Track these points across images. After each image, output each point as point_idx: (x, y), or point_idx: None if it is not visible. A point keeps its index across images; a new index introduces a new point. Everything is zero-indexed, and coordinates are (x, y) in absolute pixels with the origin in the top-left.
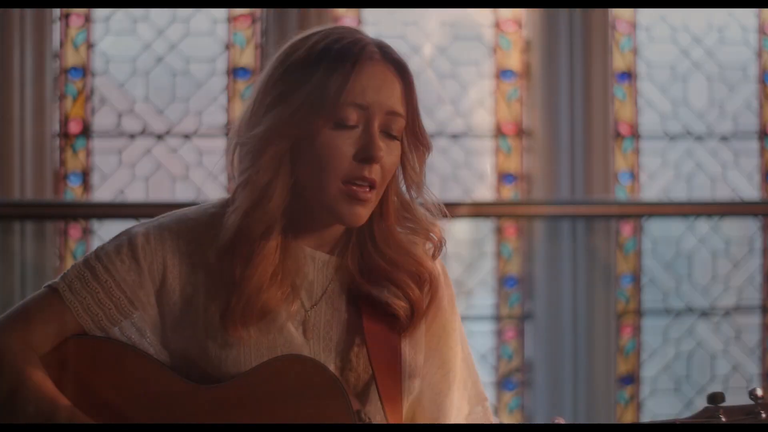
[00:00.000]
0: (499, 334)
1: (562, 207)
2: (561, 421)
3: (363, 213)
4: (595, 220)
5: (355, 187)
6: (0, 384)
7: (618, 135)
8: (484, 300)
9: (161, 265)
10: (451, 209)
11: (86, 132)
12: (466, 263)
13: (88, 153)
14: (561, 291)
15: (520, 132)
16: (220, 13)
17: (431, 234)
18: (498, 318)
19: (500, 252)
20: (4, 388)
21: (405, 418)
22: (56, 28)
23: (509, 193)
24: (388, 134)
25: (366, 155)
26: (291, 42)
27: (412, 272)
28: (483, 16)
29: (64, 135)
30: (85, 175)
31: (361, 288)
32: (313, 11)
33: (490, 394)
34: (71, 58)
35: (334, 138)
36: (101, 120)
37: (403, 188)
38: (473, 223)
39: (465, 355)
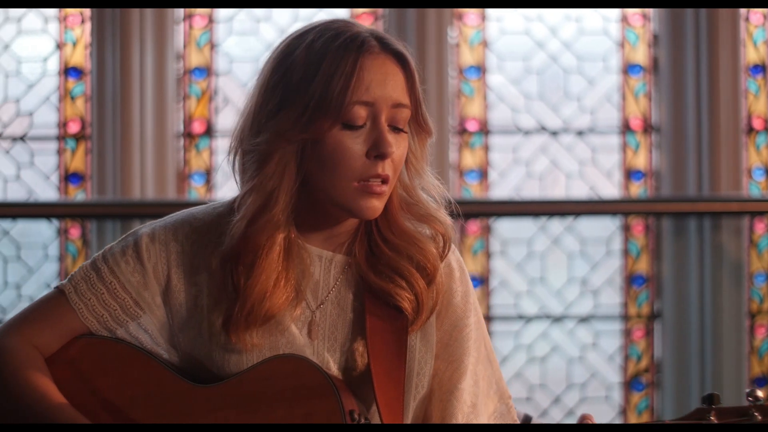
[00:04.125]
0: (627, 333)
1: (691, 204)
2: (591, 420)
3: (378, 205)
4: (724, 217)
5: (369, 183)
6: (1, 385)
7: (751, 129)
8: (612, 299)
9: (165, 265)
10: (576, 206)
11: (210, 132)
12: (593, 262)
13: (212, 152)
14: (689, 290)
15: (648, 128)
16: (344, 12)
17: (436, 219)
18: (626, 317)
19: (628, 250)
20: (5, 389)
21: (416, 416)
22: (179, 29)
23: (637, 190)
24: (395, 128)
25: (377, 152)
26: (287, 41)
27: (417, 263)
28: (609, 9)
29: (188, 135)
30: (209, 175)
31: (367, 279)
32: (432, 10)
33: (617, 394)
34: (195, 59)
35: (343, 139)
36: (225, 120)
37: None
38: (600, 220)
39: (487, 352)
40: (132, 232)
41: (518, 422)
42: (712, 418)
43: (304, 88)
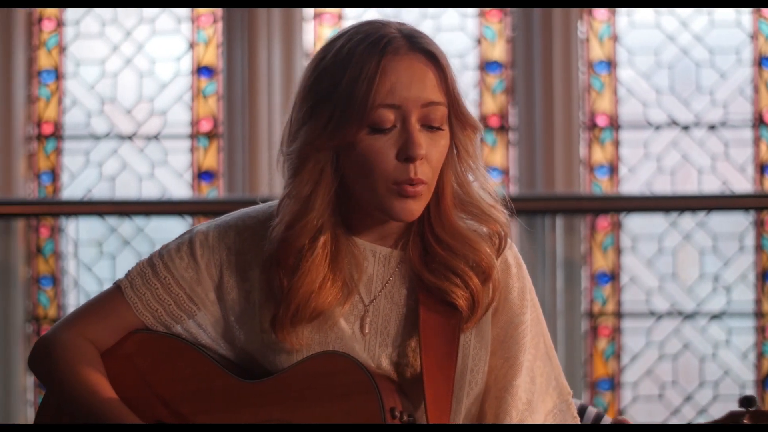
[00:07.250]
0: (761, 331)
1: None
2: (626, 421)
3: (415, 207)
4: None
5: (402, 185)
6: (53, 378)
7: None
8: (745, 296)
9: (218, 263)
10: (708, 202)
11: None
12: (725, 258)
13: None
14: None
15: None
16: (471, 10)
17: (491, 218)
18: (759, 314)
19: (761, 246)
20: (56, 381)
21: (470, 413)
22: (308, 28)
23: None
24: (429, 127)
25: (406, 155)
26: (322, 47)
27: (471, 261)
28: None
29: None
30: None
31: (421, 277)
32: (558, 11)
33: (750, 392)
34: None
35: (373, 143)
36: None
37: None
38: (732, 216)
39: (546, 348)
40: (189, 229)
41: (578, 419)
42: (745, 421)
43: (330, 95)
